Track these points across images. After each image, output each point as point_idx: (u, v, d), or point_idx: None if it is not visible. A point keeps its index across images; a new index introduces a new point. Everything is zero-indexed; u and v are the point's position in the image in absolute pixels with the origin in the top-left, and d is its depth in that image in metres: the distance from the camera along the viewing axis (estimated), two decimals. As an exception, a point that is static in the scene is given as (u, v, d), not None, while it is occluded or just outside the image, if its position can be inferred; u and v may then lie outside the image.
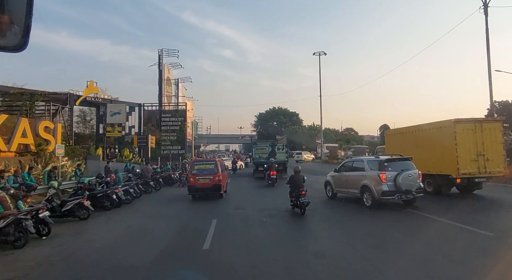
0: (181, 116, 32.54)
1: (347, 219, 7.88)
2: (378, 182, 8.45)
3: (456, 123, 9.85)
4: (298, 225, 7.47)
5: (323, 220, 7.72)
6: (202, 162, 13.04)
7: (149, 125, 31.56)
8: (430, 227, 6.65)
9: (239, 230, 6.88)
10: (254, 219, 7.80)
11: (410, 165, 8.78)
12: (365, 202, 8.85)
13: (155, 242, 6.14)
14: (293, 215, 8.25)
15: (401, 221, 7.45)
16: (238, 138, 75.43)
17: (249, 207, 9.61)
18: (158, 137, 30.10)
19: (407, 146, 11.91)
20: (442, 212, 7.89)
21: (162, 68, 33.92)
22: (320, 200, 10.41)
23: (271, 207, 9.35)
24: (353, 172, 9.69)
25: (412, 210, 8.26)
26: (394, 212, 8.21)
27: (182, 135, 31.90)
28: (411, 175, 8.28)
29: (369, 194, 8.74)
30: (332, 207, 9.47)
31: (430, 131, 10.99)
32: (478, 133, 9.84)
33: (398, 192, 8.25)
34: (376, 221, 7.37)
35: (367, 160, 9.29)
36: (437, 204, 9.12)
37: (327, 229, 6.97)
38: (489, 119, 11.83)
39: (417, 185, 8.38)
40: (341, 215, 8.28)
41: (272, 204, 9.99)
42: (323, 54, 36.13)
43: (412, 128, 12.19)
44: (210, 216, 8.22)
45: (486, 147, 9.71)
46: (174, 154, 30.27)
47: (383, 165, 8.54)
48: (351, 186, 9.61)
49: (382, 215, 7.87)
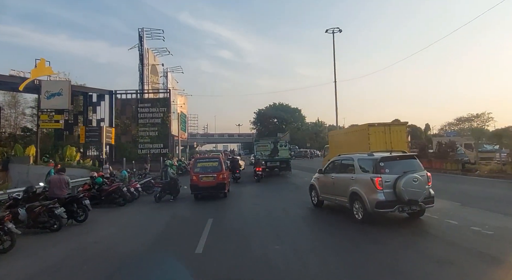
0: (164, 106, 28.87)
1: (329, 245, 5.83)
2: (372, 189, 6.68)
3: (369, 126, 13.77)
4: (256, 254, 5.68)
5: (293, 247, 5.93)
6: (205, 159, 13.49)
7: (123, 118, 28.32)
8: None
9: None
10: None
11: (416, 165, 7.00)
12: (355, 215, 7.15)
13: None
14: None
15: (406, 247, 5.41)
16: (236, 137, 74.80)
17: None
18: (135, 133, 27.68)
19: (342, 145, 15.56)
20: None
21: (143, 52, 30.99)
22: (303, 209, 9.06)
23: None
24: (341, 174, 7.98)
25: (420, 227, 6.55)
26: (396, 231, 6.39)
27: (165, 130, 28.53)
28: (417, 179, 6.47)
29: (360, 205, 7.04)
30: (313, 221, 7.89)
31: (354, 133, 15.15)
32: (387, 134, 13.45)
33: (399, 203, 6.51)
34: (368, 245, 5.55)
35: (357, 159, 7.48)
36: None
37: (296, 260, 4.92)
38: (396, 122, 14.91)
39: (425, 193, 6.55)
40: (321, 237, 6.47)
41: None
42: (337, 32, 27.71)
43: (345, 130, 17.31)
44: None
45: (393, 145, 12.80)
46: (155, 153, 27.49)
47: (379, 166, 6.74)
48: (339, 192, 7.91)
49: (377, 235, 6.05)
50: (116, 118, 28.35)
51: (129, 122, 28.36)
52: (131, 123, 28.34)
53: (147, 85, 31.62)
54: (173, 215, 9.11)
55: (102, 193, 10.76)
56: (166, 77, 37.80)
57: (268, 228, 7.04)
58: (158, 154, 27.22)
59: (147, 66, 32.03)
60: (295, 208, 9.36)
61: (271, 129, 61.68)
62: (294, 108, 66.30)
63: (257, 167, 17.20)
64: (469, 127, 51.95)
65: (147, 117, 28.49)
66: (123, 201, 10.85)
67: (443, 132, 48.81)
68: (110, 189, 10.80)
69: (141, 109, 28.61)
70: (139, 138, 27.99)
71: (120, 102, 28.80)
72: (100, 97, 28.19)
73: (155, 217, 9.07)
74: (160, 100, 29.85)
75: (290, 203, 10.22)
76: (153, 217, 9.21)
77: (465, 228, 6.29)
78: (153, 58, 34.66)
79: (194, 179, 11.44)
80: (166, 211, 9.78)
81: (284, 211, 8.96)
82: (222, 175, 11.64)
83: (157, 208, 10.38)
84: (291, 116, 64.24)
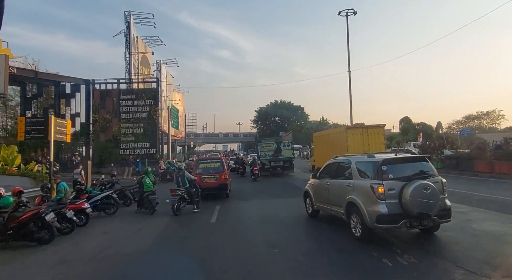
0: (151, 98, 26.47)
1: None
2: (372, 199, 5.87)
3: (347, 129, 15.53)
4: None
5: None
6: (207, 160, 14.54)
7: (103, 112, 26.11)
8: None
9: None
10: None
11: (428, 168, 6.18)
12: (353, 230, 6.38)
13: None
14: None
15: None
16: (236, 136, 76.06)
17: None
18: (116, 130, 25.67)
19: (324, 146, 17.59)
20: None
21: (130, 38, 28.87)
22: (295, 219, 8.53)
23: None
24: (337, 179, 7.24)
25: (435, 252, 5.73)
26: (404, 254, 5.59)
27: (152, 126, 26.13)
28: (429, 187, 5.62)
29: (358, 218, 6.25)
30: (306, 237, 7.10)
31: (334, 135, 16.73)
32: (364, 136, 14.79)
33: (405, 217, 5.67)
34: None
35: (356, 161, 6.71)
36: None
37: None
38: (373, 125, 15.71)
39: (440, 204, 5.70)
40: (306, 263, 5.60)
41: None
42: (352, 14, 25.90)
43: (327, 132, 20.00)
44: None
45: (371, 146, 14.02)
46: (140, 154, 25.29)
47: (380, 170, 5.92)
48: (335, 201, 7.19)
49: (380, 262, 5.12)
50: (94, 113, 26.14)
51: (110, 117, 26.13)
52: (112, 118, 26.13)
53: (137, 78, 29.75)
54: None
55: (9, 223, 7.00)
56: (159, 71, 36.04)
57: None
58: (145, 155, 25.19)
59: (136, 54, 30.18)
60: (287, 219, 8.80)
61: (272, 128, 62.78)
62: (296, 106, 67.44)
63: (253, 167, 19.87)
64: (478, 125, 51.82)
65: (131, 111, 26.20)
66: (48, 236, 7.24)
67: (450, 131, 48.22)
68: (22, 218, 7.05)
69: (124, 102, 26.31)
70: (121, 136, 25.80)
71: (99, 94, 26.55)
72: (74, 88, 25.72)
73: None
74: (146, 91, 27.49)
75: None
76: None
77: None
78: (144, 47, 32.94)
79: (196, 180, 11.73)
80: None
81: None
82: (224, 175, 12.76)
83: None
84: (293, 114, 64.54)
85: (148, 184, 10.82)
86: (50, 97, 25.71)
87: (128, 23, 29.24)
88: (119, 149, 25.49)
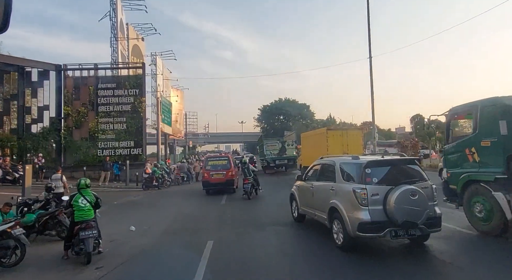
0: (136, 86, 24.46)
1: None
2: (354, 205, 5.96)
3: (328, 130, 18.45)
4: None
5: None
6: (215, 158, 17.54)
7: (77, 104, 24.10)
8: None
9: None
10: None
11: (416, 172, 6.32)
12: (335, 238, 6.52)
13: None
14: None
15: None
16: (239, 136, 78.64)
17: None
18: (93, 126, 23.79)
19: (310, 146, 20.49)
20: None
21: (117, 22, 27.83)
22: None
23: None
24: (321, 182, 7.46)
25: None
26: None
27: (137, 121, 24.22)
28: (416, 193, 5.71)
29: (340, 226, 6.36)
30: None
31: (317, 136, 19.46)
32: (344, 137, 17.61)
33: (390, 225, 5.71)
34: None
35: (340, 162, 6.85)
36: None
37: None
38: (353, 128, 19.48)
39: (428, 212, 5.76)
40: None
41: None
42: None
43: (312, 132, 22.59)
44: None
45: (349, 147, 16.78)
46: (122, 155, 23.45)
47: (364, 173, 6.03)
48: (318, 206, 7.41)
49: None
50: (66, 105, 24.03)
51: (86, 110, 24.19)
52: (88, 111, 24.21)
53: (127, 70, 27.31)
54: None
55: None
56: (155, 64, 34.29)
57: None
58: (128, 156, 23.37)
59: (123, 41, 28.96)
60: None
61: (277, 127, 64.13)
62: (302, 103, 68.73)
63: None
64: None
65: (112, 103, 24.18)
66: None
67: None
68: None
69: (103, 92, 24.33)
70: (99, 134, 23.87)
71: (72, 82, 24.56)
72: (43, 75, 23.64)
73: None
74: (130, 78, 25.20)
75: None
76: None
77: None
78: (136, 35, 31.64)
79: (205, 176, 15.73)
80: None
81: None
82: (231, 172, 15.70)
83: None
84: (299, 113, 65.11)
85: (82, 209, 6.79)
86: (12, 87, 24.22)
87: (115, 4, 28.10)
88: (97, 149, 23.66)
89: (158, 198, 16.33)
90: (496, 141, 6.78)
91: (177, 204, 13.91)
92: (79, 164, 22.74)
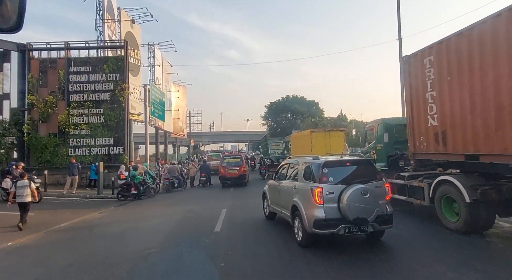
0: (116, 70, 22.45)
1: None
2: (311, 203, 7.19)
3: (312, 132, 22.32)
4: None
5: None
6: (230, 156, 24.61)
7: (44, 92, 22.14)
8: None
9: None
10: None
11: (371, 172, 7.57)
12: (296, 235, 7.81)
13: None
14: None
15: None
16: (245, 135, 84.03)
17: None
18: (63, 119, 21.81)
19: (297, 147, 24.76)
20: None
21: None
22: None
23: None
24: (287, 181, 8.90)
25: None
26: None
27: (118, 113, 22.34)
28: (367, 191, 6.88)
29: (299, 223, 7.61)
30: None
31: (303, 137, 23.74)
32: (327, 138, 21.43)
33: (343, 222, 6.91)
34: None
35: (302, 162, 8.17)
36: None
37: None
38: (335, 129, 23.69)
39: (378, 210, 6.95)
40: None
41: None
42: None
43: (300, 134, 27.16)
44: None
45: (332, 147, 20.14)
46: (99, 155, 21.81)
47: (321, 172, 7.25)
48: (284, 204, 8.84)
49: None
50: (31, 93, 22.02)
51: (54, 99, 22.12)
52: (57, 101, 22.15)
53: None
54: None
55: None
56: (153, 56, 35.49)
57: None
58: (107, 156, 21.91)
59: (112, 23, 27.87)
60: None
61: (284, 125, 66.11)
62: (310, 100, 70.74)
63: (261, 167, 31.51)
64: None
65: (86, 91, 22.18)
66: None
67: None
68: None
69: (75, 76, 22.31)
70: (70, 128, 21.95)
71: (38, 65, 22.48)
72: (2, 56, 21.78)
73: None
74: (109, 60, 23.02)
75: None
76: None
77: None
78: (130, 23, 30.88)
79: (222, 172, 22.06)
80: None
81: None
82: (243, 168, 22.25)
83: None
84: (307, 110, 66.82)
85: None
86: None
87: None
88: (67, 148, 21.86)
89: (129, 216, 13.58)
90: (382, 146, 12.71)
91: (150, 231, 10.48)
92: (45, 166, 21.02)
